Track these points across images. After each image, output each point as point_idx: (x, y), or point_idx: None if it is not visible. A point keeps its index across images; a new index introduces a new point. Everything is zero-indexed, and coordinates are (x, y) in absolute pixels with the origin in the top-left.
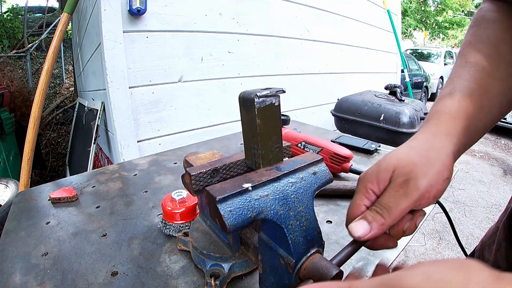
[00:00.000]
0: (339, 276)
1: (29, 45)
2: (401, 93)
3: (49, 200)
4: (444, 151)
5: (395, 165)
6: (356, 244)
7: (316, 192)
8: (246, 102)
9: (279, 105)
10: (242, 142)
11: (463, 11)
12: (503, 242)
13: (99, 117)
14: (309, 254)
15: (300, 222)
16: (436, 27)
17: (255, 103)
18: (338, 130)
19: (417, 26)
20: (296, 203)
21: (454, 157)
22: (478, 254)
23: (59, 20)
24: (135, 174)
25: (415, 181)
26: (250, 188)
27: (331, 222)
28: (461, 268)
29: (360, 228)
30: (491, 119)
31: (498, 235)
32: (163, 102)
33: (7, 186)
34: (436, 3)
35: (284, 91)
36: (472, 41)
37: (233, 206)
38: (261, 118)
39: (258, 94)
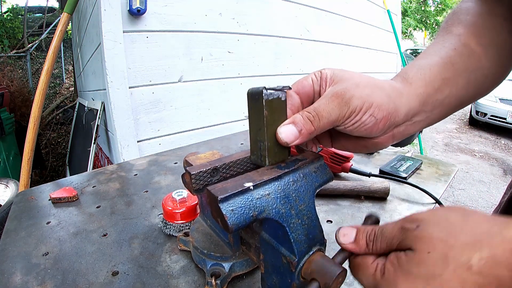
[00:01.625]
0: (342, 275)
1: (29, 45)
2: None
3: (49, 200)
4: (399, 97)
5: (342, 76)
6: (371, 220)
7: (317, 191)
8: (254, 95)
9: (285, 100)
10: (242, 142)
11: None
12: None
13: (99, 117)
14: (311, 252)
15: (302, 220)
16: (436, 27)
17: (264, 95)
18: None
19: (417, 26)
20: (297, 202)
21: (407, 112)
22: None
23: (59, 20)
24: (135, 174)
25: (349, 96)
26: (251, 187)
27: (331, 221)
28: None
29: (290, 134)
30: (456, 93)
31: None
32: (163, 102)
33: (7, 186)
34: (436, 3)
35: (290, 88)
36: (447, 26)
37: (234, 206)
38: (269, 110)
39: (266, 87)
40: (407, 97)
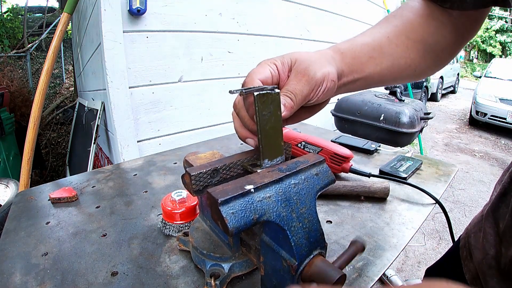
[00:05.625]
0: (342, 279)
1: (29, 45)
2: (401, 93)
3: (49, 200)
4: (333, 61)
5: (297, 57)
6: (356, 246)
7: (318, 194)
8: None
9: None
10: (242, 143)
11: None
12: (488, 229)
13: (99, 117)
14: (311, 256)
15: (303, 223)
16: None
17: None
18: (338, 130)
19: None
20: (298, 205)
21: (337, 72)
22: (464, 241)
23: (59, 20)
24: (135, 174)
25: (313, 72)
26: (252, 190)
27: (331, 222)
28: None
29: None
30: (379, 71)
31: (484, 223)
32: (163, 102)
33: (7, 186)
34: None
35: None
36: (389, 16)
37: (235, 208)
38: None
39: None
40: (339, 62)
